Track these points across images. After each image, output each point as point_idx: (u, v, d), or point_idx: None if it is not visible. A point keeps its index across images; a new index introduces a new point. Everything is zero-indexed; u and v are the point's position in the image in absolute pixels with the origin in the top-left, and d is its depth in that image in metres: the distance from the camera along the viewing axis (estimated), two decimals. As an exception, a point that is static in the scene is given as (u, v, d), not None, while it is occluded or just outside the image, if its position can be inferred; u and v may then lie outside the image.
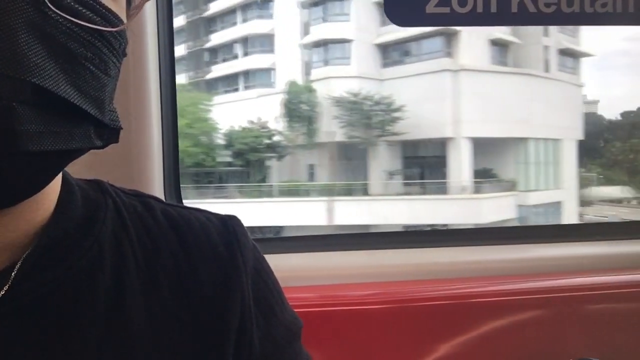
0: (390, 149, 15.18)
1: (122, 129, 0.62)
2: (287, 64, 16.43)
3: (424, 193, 14.60)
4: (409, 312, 1.26)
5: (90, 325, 0.61)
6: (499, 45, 15.01)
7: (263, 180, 15.38)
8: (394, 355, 1.24)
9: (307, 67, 16.26)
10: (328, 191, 14.52)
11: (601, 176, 15.18)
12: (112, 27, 0.57)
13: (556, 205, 14.27)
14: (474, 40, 14.51)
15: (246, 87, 17.13)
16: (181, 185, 1.38)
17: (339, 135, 15.07)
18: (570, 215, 13.73)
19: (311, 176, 15.39)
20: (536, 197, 14.13)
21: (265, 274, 0.76)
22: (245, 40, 17.24)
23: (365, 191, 14.76)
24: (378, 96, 15.13)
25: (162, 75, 1.32)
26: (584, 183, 15.06)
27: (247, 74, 17.14)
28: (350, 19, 15.89)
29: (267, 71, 16.90)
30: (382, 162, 15.07)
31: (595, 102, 16.73)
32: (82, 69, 0.53)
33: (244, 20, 17.15)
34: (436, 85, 14.68)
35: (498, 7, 1.26)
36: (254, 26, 16.92)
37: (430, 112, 14.35)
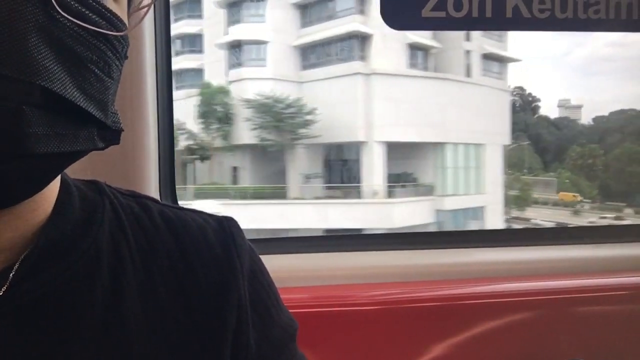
0: (309, 152, 15.20)
1: (123, 130, 0.62)
2: (212, 64, 16.29)
3: (341, 197, 14.67)
4: (402, 313, 1.28)
5: (88, 326, 0.61)
6: (419, 49, 15.15)
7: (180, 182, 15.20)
8: (387, 357, 1.26)
9: (227, 68, 16.15)
10: (246, 194, 14.47)
11: (567, 180, 15.38)
12: (117, 31, 0.57)
13: (478, 210, 14.49)
14: (388, 44, 14.66)
15: (177, 88, 16.84)
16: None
17: (254, 138, 15.00)
18: (493, 220, 13.93)
19: (235, 179, 15.27)
20: (456, 201, 14.30)
21: (261, 275, 0.77)
22: (176, 40, 17.00)
23: (284, 195, 14.74)
24: (291, 98, 15.13)
25: (159, 76, 1.31)
26: (525, 187, 15.24)
27: (178, 74, 16.88)
28: (266, 20, 15.85)
29: (197, 71, 16.70)
30: (301, 165, 15.06)
31: (579, 107, 17.19)
32: (87, 72, 0.54)
33: (176, 20, 16.91)
34: (349, 88, 14.78)
35: (493, 11, 1.30)
36: (184, 26, 16.71)
37: (343, 116, 14.43)
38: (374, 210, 13.98)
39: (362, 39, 14.52)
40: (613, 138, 14.90)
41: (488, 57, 15.33)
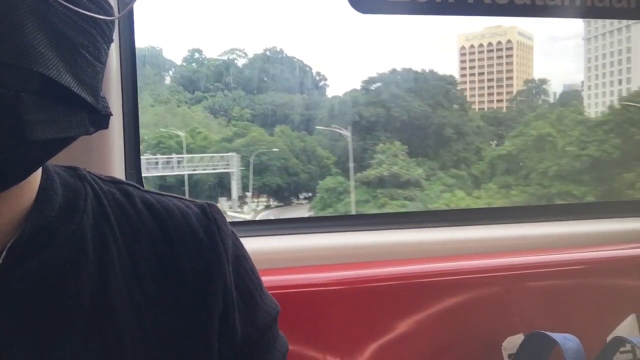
0: None
1: (112, 115, 0.63)
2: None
3: None
4: (371, 291, 1.31)
5: (76, 313, 0.61)
6: None
7: None
8: (357, 334, 1.28)
9: None
10: None
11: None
12: (106, 15, 0.58)
13: None
14: None
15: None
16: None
17: None
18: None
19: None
20: None
21: (244, 260, 0.77)
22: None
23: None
24: None
25: (123, 62, 1.29)
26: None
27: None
28: None
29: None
30: None
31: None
32: (79, 57, 0.55)
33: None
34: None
35: (456, -3, 1.32)
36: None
37: None
38: None
39: None
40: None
41: None
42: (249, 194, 11.28)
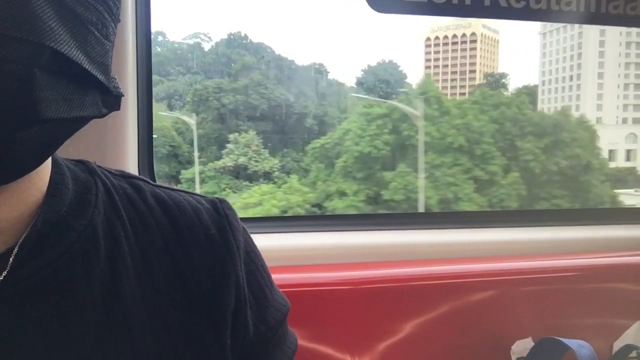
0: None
1: (123, 95, 0.62)
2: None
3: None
4: (381, 292, 1.31)
5: (88, 308, 0.61)
6: None
7: None
8: (365, 334, 1.28)
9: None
10: None
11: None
12: None
13: None
14: None
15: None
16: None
17: None
18: None
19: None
20: None
21: (255, 256, 0.77)
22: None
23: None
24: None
25: (139, 55, 1.28)
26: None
27: None
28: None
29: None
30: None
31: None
32: (88, 34, 0.54)
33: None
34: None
35: (472, -1, 1.33)
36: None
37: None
38: None
39: None
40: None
41: None
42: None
